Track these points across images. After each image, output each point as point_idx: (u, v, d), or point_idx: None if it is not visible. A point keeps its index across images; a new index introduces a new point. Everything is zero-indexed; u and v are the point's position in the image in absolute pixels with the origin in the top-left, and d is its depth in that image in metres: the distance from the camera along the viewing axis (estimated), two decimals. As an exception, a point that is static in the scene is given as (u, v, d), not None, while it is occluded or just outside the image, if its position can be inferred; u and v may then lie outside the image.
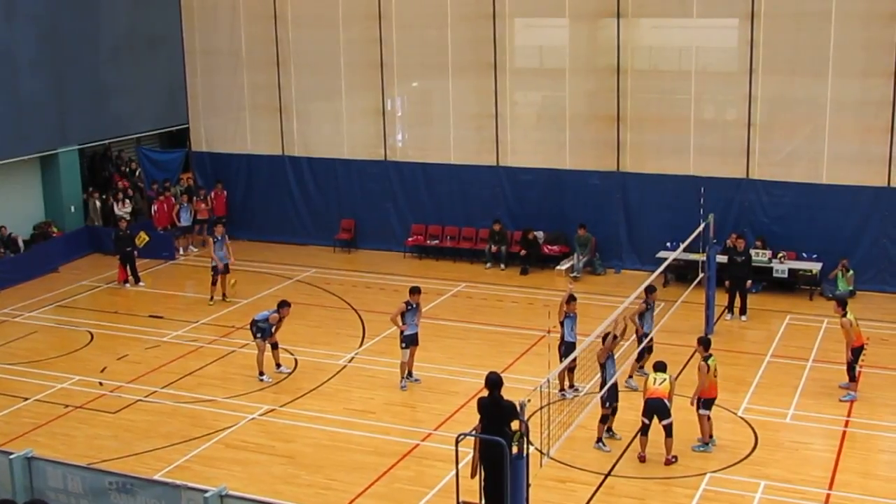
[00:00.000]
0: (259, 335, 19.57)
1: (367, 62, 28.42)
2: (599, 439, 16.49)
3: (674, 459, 15.91)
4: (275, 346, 19.89)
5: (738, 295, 22.65)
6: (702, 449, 16.39)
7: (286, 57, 29.36)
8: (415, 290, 19.37)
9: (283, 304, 19.84)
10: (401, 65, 28.28)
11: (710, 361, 16.40)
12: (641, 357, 18.88)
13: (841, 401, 18.16)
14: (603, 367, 16.19)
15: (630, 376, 18.83)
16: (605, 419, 16.48)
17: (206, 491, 11.38)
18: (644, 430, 15.99)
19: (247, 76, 29.98)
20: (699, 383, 16.39)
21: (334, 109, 29.46)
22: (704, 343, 16.63)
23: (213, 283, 24.26)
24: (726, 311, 22.71)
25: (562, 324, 18.35)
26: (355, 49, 28.56)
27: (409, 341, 19.09)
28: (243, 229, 29.91)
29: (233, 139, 30.53)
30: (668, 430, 15.84)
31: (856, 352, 18.31)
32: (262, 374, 19.58)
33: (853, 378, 18.41)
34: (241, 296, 24.50)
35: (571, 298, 18.43)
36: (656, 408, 15.83)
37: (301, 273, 26.60)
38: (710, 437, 16.52)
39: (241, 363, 20.50)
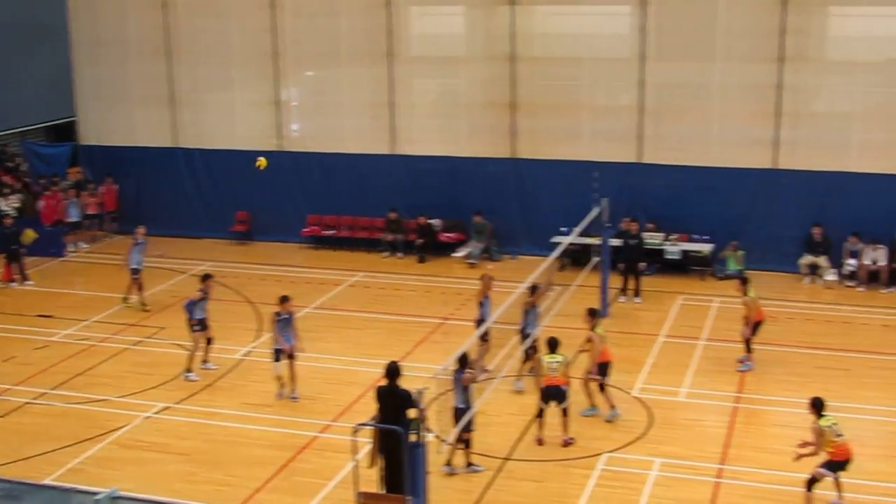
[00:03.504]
0: (198, 327, 19.17)
1: (260, 51, 28.09)
2: (470, 464, 15.44)
3: (571, 441, 16.06)
4: (209, 342, 19.50)
5: (631, 277, 23.02)
6: (590, 413, 16.83)
7: (177, 46, 28.84)
8: (284, 300, 18.23)
9: (206, 277, 19.54)
10: (295, 54, 28.05)
11: (598, 330, 16.91)
12: (528, 359, 18.18)
13: (739, 371, 18.71)
14: (465, 389, 14.94)
15: (518, 379, 18.42)
16: (469, 443, 15.31)
17: (96, 493, 11.10)
18: (541, 413, 16.12)
19: (136, 66, 29.36)
20: (593, 353, 16.80)
21: (228, 100, 29.07)
22: (594, 313, 17.10)
23: (139, 289, 23.38)
24: (621, 293, 23.06)
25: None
26: (248, 38, 28.19)
27: (283, 354, 18.00)
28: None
29: (123, 131, 29.86)
30: (565, 410, 16.02)
31: (755, 326, 18.96)
32: (190, 371, 19.16)
33: (749, 349, 19.02)
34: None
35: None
36: (554, 394, 15.96)
37: (195, 267, 26.13)
38: (613, 407, 16.91)
39: (135, 360, 20.10)
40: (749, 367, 18.91)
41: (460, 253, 26.39)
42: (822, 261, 24.24)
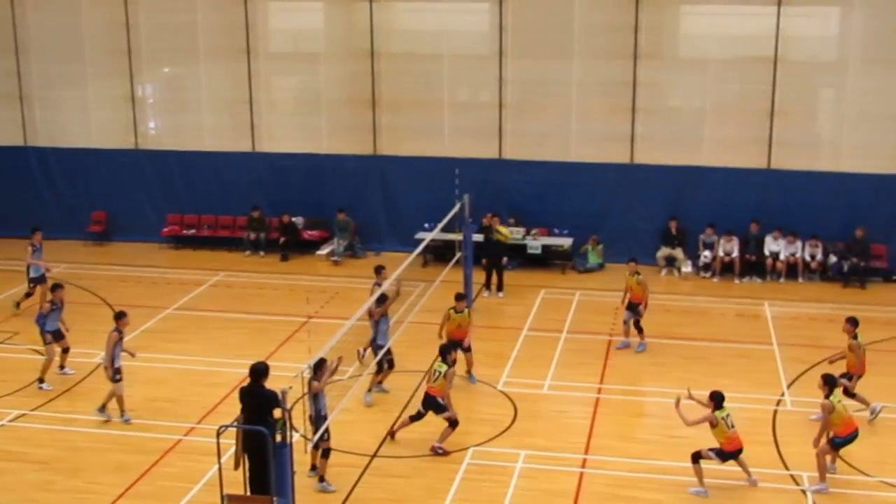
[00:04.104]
0: (51, 338, 18.42)
1: (114, 47, 27.44)
2: (321, 479, 14.82)
3: (440, 448, 15.66)
4: (66, 351, 18.83)
5: (494, 272, 23.31)
6: (472, 380, 18.02)
7: (26, 42, 27.95)
8: (121, 315, 17.03)
9: (56, 288, 18.81)
10: (150, 50, 27.52)
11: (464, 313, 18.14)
12: (381, 371, 17.75)
13: (637, 351, 19.79)
14: (316, 397, 14.23)
15: (369, 390, 17.64)
16: (328, 453, 14.78)
17: (-54, 506, 10.67)
18: (416, 416, 15.91)
19: (-19, 63, 28.33)
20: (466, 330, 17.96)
21: (81, 97, 28.30)
22: (461, 297, 18.15)
23: (29, 295, 22.36)
24: (484, 288, 23.33)
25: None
26: (101, 33, 27.51)
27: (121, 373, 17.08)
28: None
29: (-31, 131, 28.78)
30: (450, 421, 15.77)
31: (635, 307, 19.98)
32: (42, 381, 18.38)
33: (641, 331, 19.98)
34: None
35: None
36: (431, 404, 15.80)
37: (51, 269, 25.25)
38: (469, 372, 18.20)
39: (-13, 367, 19.38)
40: (625, 346, 19.94)
41: (324, 251, 26.29)
42: (679, 253, 25.00)
